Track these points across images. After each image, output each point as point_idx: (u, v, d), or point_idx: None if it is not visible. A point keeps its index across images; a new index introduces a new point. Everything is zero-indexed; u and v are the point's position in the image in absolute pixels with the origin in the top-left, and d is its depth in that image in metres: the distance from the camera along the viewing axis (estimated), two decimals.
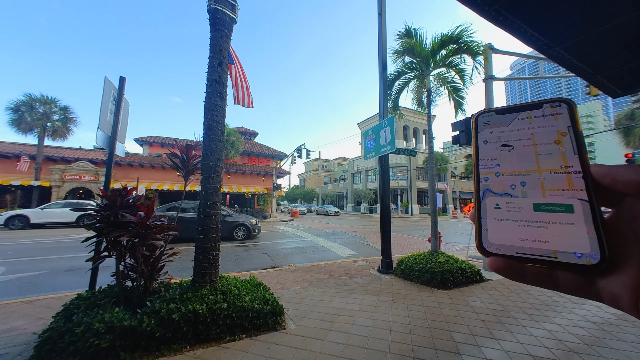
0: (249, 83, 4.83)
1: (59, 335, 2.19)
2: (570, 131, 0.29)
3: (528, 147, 0.30)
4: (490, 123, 0.34)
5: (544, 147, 0.30)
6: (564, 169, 0.28)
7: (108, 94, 3.37)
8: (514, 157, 0.31)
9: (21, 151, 17.09)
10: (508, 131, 0.32)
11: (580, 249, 0.25)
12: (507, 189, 0.30)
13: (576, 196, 0.27)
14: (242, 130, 28.56)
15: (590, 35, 1.04)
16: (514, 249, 0.27)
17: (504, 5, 1.01)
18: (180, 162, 3.67)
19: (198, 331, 2.58)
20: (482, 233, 0.29)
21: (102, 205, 2.54)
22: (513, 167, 0.31)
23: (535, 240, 0.27)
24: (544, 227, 0.27)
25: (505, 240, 0.28)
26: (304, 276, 5.11)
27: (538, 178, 0.29)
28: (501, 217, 0.29)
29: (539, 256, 0.26)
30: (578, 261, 0.25)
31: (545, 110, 0.31)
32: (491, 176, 0.31)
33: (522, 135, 0.31)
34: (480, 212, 0.30)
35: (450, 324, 3.12)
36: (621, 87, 1.53)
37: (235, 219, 10.36)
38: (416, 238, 11.42)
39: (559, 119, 0.30)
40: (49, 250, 7.75)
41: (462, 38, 5.55)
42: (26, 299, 3.85)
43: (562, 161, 0.28)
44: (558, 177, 0.28)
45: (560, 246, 0.26)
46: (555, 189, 0.28)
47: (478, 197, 0.31)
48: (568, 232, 0.26)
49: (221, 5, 3.31)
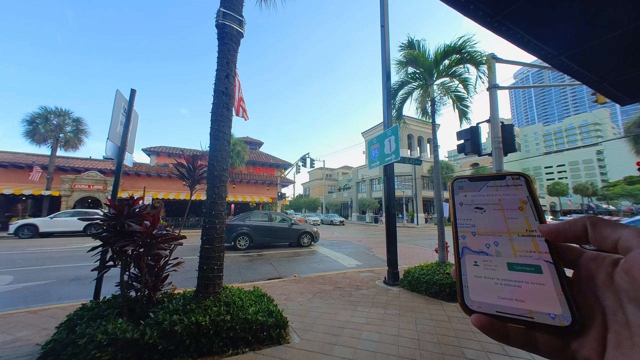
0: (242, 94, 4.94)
1: (61, 347, 2.17)
2: (529, 200, 0.33)
3: (497, 211, 0.33)
4: (464, 188, 0.37)
5: (510, 212, 0.33)
6: (528, 232, 0.31)
7: (119, 105, 3.46)
8: (486, 219, 0.34)
9: (34, 161, 17.60)
10: (479, 196, 0.36)
11: (553, 309, 0.26)
12: (483, 248, 0.32)
13: (542, 258, 0.29)
14: (248, 139, 28.98)
15: (596, 43, 1.03)
16: (493, 307, 0.28)
17: (506, 16, 1.02)
18: (187, 172, 3.72)
19: (200, 344, 2.53)
20: (463, 290, 0.30)
21: (109, 215, 2.57)
22: (486, 227, 0.33)
23: (512, 299, 0.28)
24: (518, 286, 0.28)
25: (485, 298, 0.29)
26: (309, 287, 5.02)
27: (508, 239, 0.31)
28: (480, 274, 0.30)
29: (517, 316, 0.27)
30: (552, 322, 0.25)
31: (507, 181, 0.35)
32: (468, 235, 0.34)
33: (491, 200, 0.35)
34: (460, 269, 0.32)
35: (461, 339, 3.00)
36: (629, 94, 1.51)
37: (301, 227, 11.40)
38: (423, 248, 11.19)
39: (519, 189, 0.34)
40: (56, 259, 7.82)
41: (465, 48, 5.60)
42: (32, 309, 3.86)
43: (527, 225, 0.31)
44: (525, 240, 0.30)
45: (535, 306, 0.27)
46: (524, 250, 0.30)
47: (458, 253, 0.33)
48: (540, 292, 0.27)
49: (229, 20, 3.43)
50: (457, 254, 0.33)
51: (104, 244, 2.56)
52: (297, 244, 11.10)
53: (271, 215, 11.45)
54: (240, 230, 10.15)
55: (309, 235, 11.37)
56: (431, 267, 4.97)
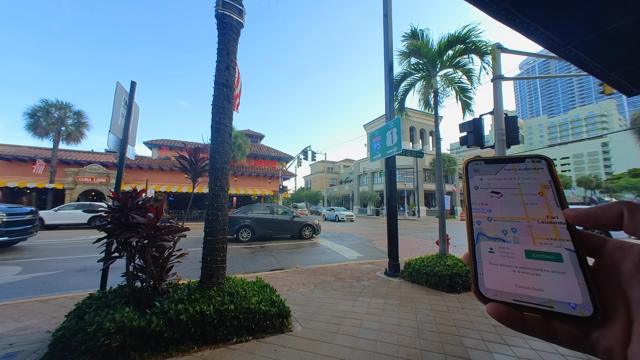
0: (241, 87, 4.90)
1: (71, 334, 2.24)
2: (551, 185, 0.31)
3: (516, 196, 0.32)
4: (479, 170, 0.35)
5: (529, 197, 0.31)
6: (550, 219, 0.29)
7: (119, 98, 3.45)
8: (503, 204, 0.32)
9: (37, 155, 17.70)
10: (496, 179, 0.34)
11: (574, 299, 0.25)
12: (500, 234, 0.31)
13: (564, 246, 0.28)
14: (249, 132, 28.86)
15: (604, 31, 1.01)
16: (510, 296, 0.27)
17: (513, 3, 1.00)
18: (189, 165, 3.73)
19: (205, 332, 2.60)
20: (477, 277, 0.29)
21: (113, 207, 2.60)
22: (503, 213, 0.32)
23: (530, 287, 0.27)
24: (537, 274, 0.27)
25: (502, 286, 0.28)
26: (310, 278, 5.10)
27: (527, 225, 0.30)
28: (496, 261, 0.29)
29: (536, 305, 0.26)
30: (573, 312, 0.25)
31: (527, 164, 0.33)
32: (484, 220, 0.32)
33: (509, 184, 0.33)
34: (475, 255, 0.31)
35: (460, 328, 3.06)
36: (637, 85, 1.49)
37: (303, 220, 11.50)
38: (424, 240, 11.26)
39: (541, 173, 0.32)
40: (62, 250, 7.97)
41: (470, 38, 5.47)
42: (41, 298, 3.96)
43: (548, 212, 0.30)
44: (545, 227, 0.29)
45: (554, 295, 0.26)
46: (544, 237, 0.29)
47: (472, 239, 0.32)
48: (560, 281, 0.26)
49: (229, 10, 3.36)
50: (470, 240, 0.32)
51: (109, 236, 2.60)
52: (299, 236, 11.23)
53: (273, 207, 11.53)
54: (243, 222, 10.24)
55: (310, 227, 11.52)
56: (432, 259, 5.01)
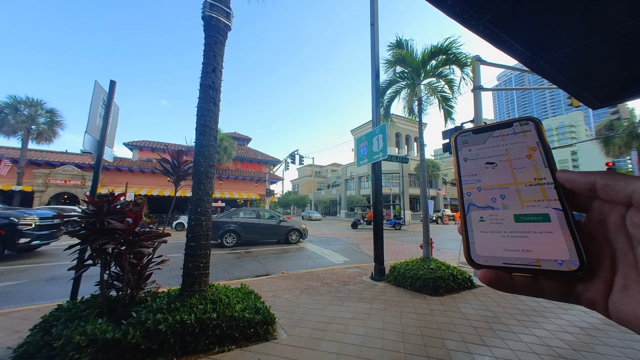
0: None
1: (36, 349, 2.07)
2: (539, 146, 0.31)
3: (504, 162, 0.32)
4: (468, 142, 0.36)
5: (517, 161, 0.31)
6: (537, 180, 0.30)
7: (98, 97, 3.30)
8: (492, 172, 0.33)
9: (2, 155, 16.48)
10: (485, 148, 0.34)
11: (561, 256, 0.26)
12: (489, 202, 0.31)
13: (551, 205, 0.28)
14: (235, 135, 28.42)
15: (572, 50, 1.09)
16: (500, 260, 0.28)
17: (490, 19, 1.05)
18: (171, 168, 3.61)
19: (186, 342, 2.49)
20: (469, 246, 0.30)
21: (88, 212, 2.45)
22: (492, 181, 0.32)
23: (519, 250, 0.28)
24: (525, 236, 0.28)
25: (492, 251, 0.29)
26: (296, 284, 5.04)
27: (515, 190, 0.30)
28: (486, 229, 0.30)
29: (524, 265, 0.27)
30: (560, 268, 0.26)
31: (515, 128, 0.33)
32: (473, 191, 0.33)
33: (497, 151, 0.33)
34: (466, 226, 0.32)
35: (443, 331, 3.12)
36: (600, 99, 1.61)
37: (289, 224, 11.29)
38: (409, 244, 11.47)
39: (528, 135, 0.32)
40: (27, 258, 7.38)
41: (451, 49, 5.74)
42: (2, 311, 3.64)
43: (535, 173, 0.30)
44: (533, 189, 0.30)
45: (542, 254, 0.27)
46: (531, 200, 0.29)
47: (463, 211, 0.32)
48: (548, 240, 0.27)
49: (216, 12, 3.33)
50: (462, 211, 0.32)
51: (82, 242, 2.45)
52: (286, 240, 11.09)
53: (259, 212, 11.34)
54: (228, 227, 9.99)
55: (297, 232, 11.37)
56: (416, 263, 5.11)
